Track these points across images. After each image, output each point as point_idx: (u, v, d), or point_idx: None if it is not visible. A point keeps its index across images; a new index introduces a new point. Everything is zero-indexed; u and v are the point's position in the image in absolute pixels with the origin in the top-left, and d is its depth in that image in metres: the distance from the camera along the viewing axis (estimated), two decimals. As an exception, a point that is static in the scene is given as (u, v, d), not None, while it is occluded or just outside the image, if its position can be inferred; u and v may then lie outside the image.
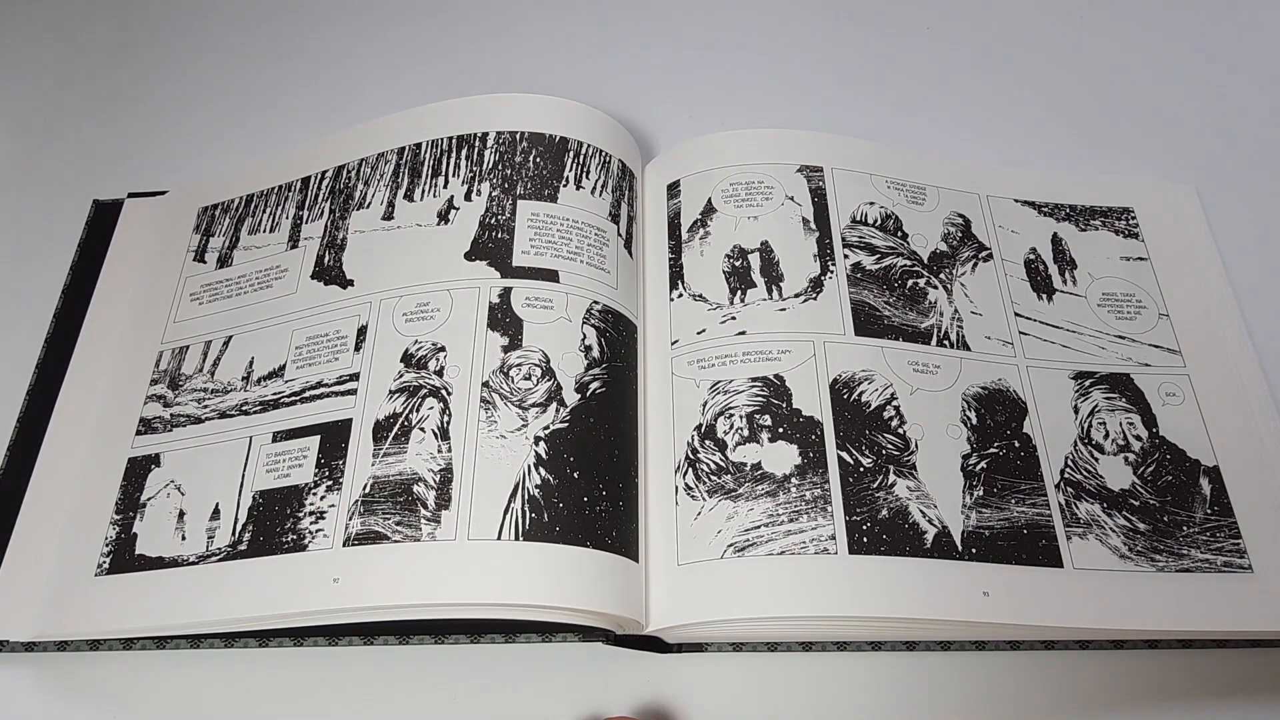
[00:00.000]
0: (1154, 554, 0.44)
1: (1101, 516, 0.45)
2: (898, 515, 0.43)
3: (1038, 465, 0.46)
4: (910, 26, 0.68)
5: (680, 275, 0.51)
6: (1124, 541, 0.44)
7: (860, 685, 0.44)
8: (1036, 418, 0.47)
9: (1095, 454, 0.47)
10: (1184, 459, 0.47)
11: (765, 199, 0.52)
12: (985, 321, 0.50)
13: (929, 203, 0.54)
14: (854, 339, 0.48)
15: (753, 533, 0.43)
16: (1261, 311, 0.53)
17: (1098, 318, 0.51)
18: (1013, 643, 0.44)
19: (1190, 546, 0.44)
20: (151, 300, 0.54)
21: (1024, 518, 0.44)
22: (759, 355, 0.47)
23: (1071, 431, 0.47)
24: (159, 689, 0.44)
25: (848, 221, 0.52)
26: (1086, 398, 0.48)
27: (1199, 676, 0.44)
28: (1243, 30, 0.67)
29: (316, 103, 0.65)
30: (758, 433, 0.45)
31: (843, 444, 0.45)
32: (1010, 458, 0.46)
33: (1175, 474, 0.46)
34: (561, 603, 0.40)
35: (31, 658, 0.45)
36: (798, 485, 0.44)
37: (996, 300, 0.51)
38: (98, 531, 0.46)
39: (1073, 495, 0.45)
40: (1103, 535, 0.44)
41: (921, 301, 0.50)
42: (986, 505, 0.44)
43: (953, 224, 0.54)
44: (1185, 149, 0.61)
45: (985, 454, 0.46)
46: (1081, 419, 0.48)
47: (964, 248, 0.53)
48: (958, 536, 0.43)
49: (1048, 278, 0.53)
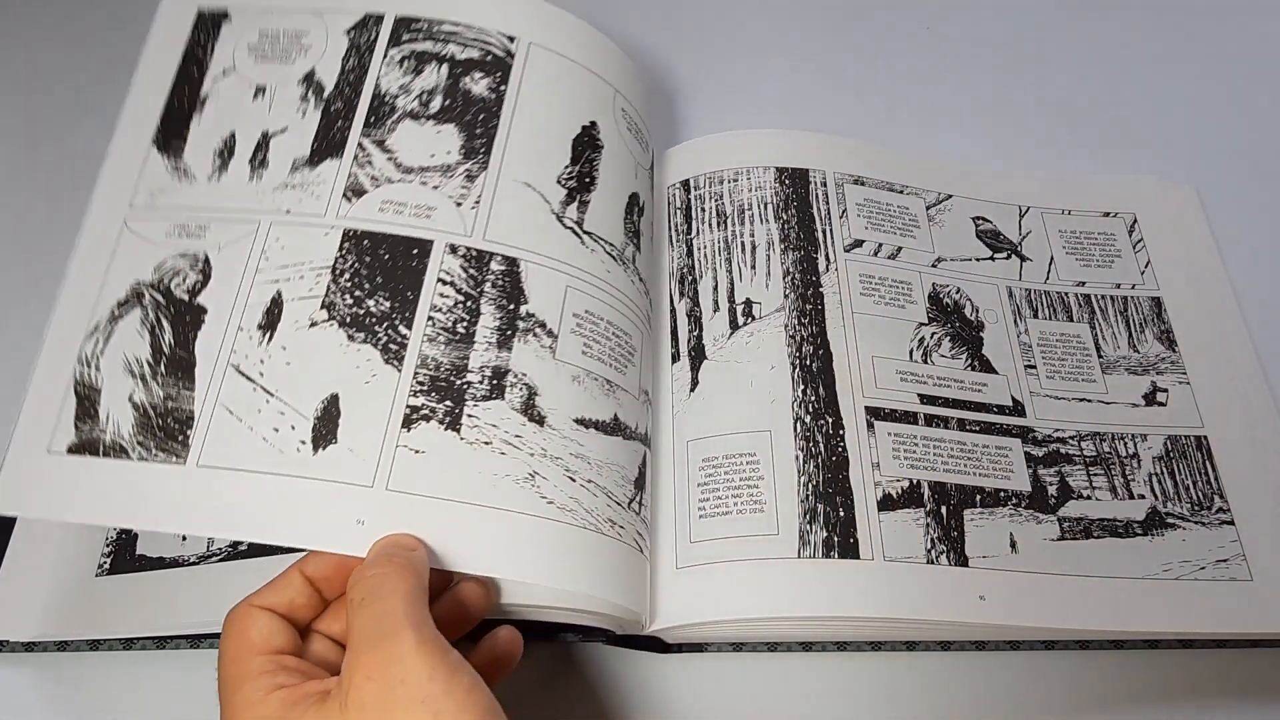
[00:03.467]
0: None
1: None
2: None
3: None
4: (910, 27, 0.68)
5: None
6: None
7: (860, 685, 0.44)
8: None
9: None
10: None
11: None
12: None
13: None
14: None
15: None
16: (1261, 311, 0.53)
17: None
18: (1012, 643, 0.44)
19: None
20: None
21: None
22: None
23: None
24: (159, 689, 0.44)
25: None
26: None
27: (1198, 676, 0.44)
28: (1243, 30, 0.67)
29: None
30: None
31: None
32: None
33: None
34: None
35: (31, 658, 0.45)
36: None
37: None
38: (98, 532, 0.46)
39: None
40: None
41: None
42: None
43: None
44: (1185, 149, 0.61)
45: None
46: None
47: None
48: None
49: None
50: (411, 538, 0.36)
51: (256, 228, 0.42)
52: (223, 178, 0.43)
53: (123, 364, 0.39)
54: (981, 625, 0.42)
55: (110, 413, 0.38)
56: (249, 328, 0.40)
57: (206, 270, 0.41)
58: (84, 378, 0.39)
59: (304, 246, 0.41)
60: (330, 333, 0.40)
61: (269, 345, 0.39)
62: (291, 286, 0.40)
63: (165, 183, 0.43)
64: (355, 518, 0.36)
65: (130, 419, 0.38)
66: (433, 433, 0.38)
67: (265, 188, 0.43)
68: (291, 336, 0.40)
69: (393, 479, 0.37)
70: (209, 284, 0.40)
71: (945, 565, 0.42)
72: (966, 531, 0.43)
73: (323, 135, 0.44)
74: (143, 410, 0.38)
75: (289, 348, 0.39)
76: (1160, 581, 0.43)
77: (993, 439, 0.47)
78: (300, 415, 0.38)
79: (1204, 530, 0.45)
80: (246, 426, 0.38)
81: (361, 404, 0.38)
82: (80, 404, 0.39)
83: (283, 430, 0.38)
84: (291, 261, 0.41)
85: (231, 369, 0.39)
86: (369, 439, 0.38)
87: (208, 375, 0.39)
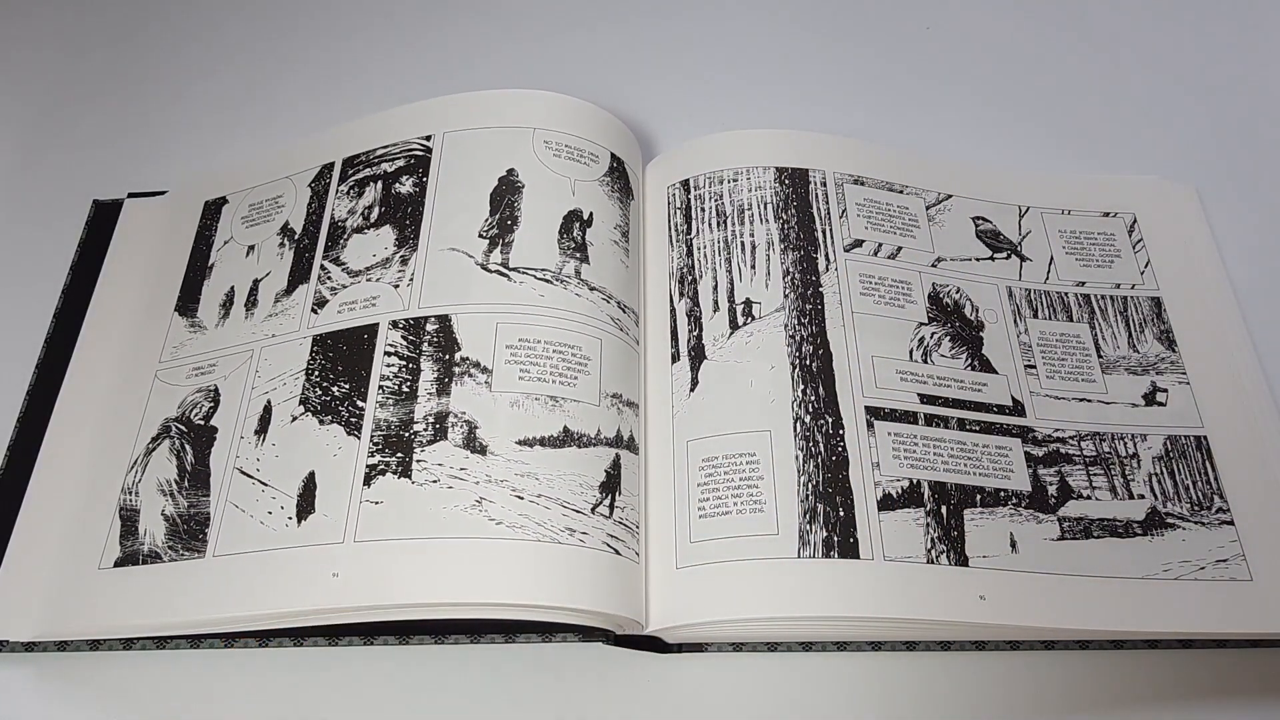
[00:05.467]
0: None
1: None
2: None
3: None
4: (910, 27, 0.68)
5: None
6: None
7: (860, 685, 0.44)
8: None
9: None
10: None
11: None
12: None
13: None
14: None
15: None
16: (1261, 311, 0.53)
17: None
18: (1012, 643, 0.44)
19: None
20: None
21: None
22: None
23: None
24: (159, 689, 0.44)
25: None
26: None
27: (1198, 676, 0.44)
28: (1243, 30, 0.67)
29: (317, 103, 0.65)
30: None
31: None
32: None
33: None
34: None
35: (31, 658, 0.45)
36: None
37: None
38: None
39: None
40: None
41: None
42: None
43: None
44: (1185, 149, 0.61)
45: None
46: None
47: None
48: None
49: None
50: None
51: (251, 355, 0.49)
52: (225, 323, 0.51)
53: (156, 485, 0.46)
54: (981, 625, 0.42)
55: (147, 528, 0.45)
56: (248, 435, 0.46)
57: (216, 398, 0.48)
58: (127, 503, 0.46)
59: (285, 359, 0.48)
60: (307, 422, 0.46)
61: (263, 445, 0.46)
62: (277, 393, 0.47)
63: (184, 338, 0.51)
64: (330, 571, 0.41)
65: (163, 529, 0.45)
66: (389, 484, 0.43)
67: (256, 321, 0.50)
68: (279, 433, 0.46)
69: (359, 531, 0.42)
70: (218, 409, 0.48)
71: (945, 565, 0.42)
72: (966, 531, 0.43)
73: (295, 268, 0.51)
74: (172, 520, 0.45)
75: (277, 443, 0.46)
76: (1160, 581, 0.43)
77: (993, 439, 0.47)
78: (287, 496, 0.44)
79: (1204, 530, 0.45)
80: (248, 515, 0.44)
81: (332, 474, 0.44)
82: (124, 525, 0.46)
83: (274, 512, 0.44)
84: (276, 374, 0.48)
85: (236, 471, 0.45)
86: (338, 502, 0.43)
87: (219, 481, 0.45)
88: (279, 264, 0.52)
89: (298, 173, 0.55)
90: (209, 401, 0.48)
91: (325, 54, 0.68)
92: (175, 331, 0.52)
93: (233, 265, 0.53)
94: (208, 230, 0.55)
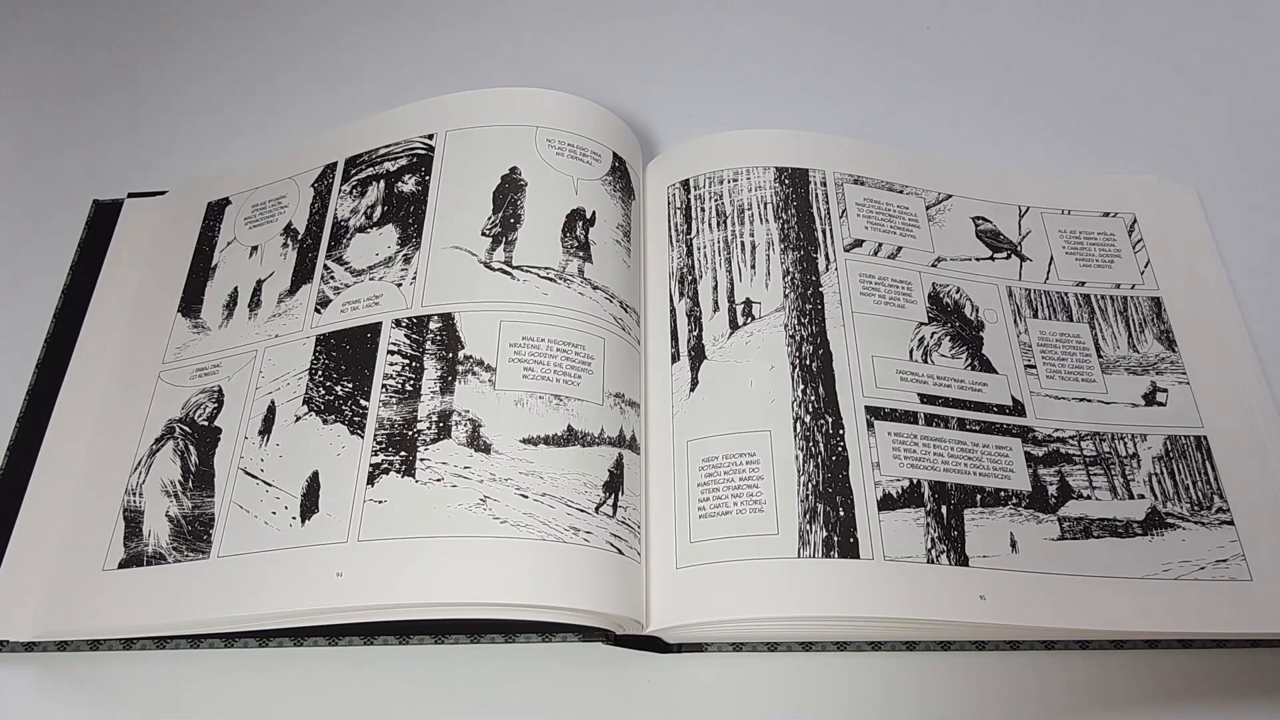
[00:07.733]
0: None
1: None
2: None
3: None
4: (911, 27, 0.68)
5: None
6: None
7: (860, 685, 0.44)
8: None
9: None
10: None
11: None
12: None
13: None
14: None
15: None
16: (1261, 311, 0.53)
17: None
18: (1012, 643, 0.44)
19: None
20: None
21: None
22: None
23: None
24: (159, 689, 0.44)
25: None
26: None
27: (1198, 676, 0.44)
28: (1243, 30, 0.67)
29: (318, 103, 0.65)
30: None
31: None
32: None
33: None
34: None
35: (31, 658, 0.45)
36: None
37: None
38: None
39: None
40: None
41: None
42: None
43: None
44: (1185, 149, 0.61)
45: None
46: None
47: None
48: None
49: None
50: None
51: (255, 355, 0.49)
52: (229, 324, 0.51)
53: (160, 487, 0.46)
54: (981, 625, 0.42)
55: (151, 529, 0.45)
56: (252, 435, 0.46)
57: (220, 398, 0.48)
58: (131, 505, 0.46)
59: (288, 359, 0.48)
60: (310, 422, 0.46)
61: (267, 446, 0.46)
62: (281, 393, 0.47)
63: (188, 339, 0.51)
64: (335, 571, 0.41)
65: (167, 530, 0.45)
66: (392, 482, 0.43)
67: (260, 322, 0.50)
68: (283, 434, 0.46)
69: (362, 530, 0.42)
70: (222, 409, 0.48)
71: (945, 565, 0.42)
72: (966, 531, 0.43)
73: (298, 268, 0.52)
74: (176, 521, 0.45)
75: (281, 444, 0.46)
76: (1160, 581, 0.43)
77: (993, 439, 0.47)
78: (291, 496, 0.44)
79: (1204, 530, 0.45)
80: (252, 516, 0.44)
81: (335, 474, 0.44)
82: (128, 526, 0.46)
83: (279, 512, 0.44)
84: (280, 374, 0.48)
85: (240, 472, 0.45)
86: (342, 501, 0.43)
87: (224, 482, 0.46)
88: (282, 264, 0.52)
89: (300, 173, 0.55)
90: (213, 402, 0.48)
91: (327, 54, 0.68)
92: (178, 332, 0.52)
93: (236, 266, 0.53)
94: (211, 231, 0.55)
